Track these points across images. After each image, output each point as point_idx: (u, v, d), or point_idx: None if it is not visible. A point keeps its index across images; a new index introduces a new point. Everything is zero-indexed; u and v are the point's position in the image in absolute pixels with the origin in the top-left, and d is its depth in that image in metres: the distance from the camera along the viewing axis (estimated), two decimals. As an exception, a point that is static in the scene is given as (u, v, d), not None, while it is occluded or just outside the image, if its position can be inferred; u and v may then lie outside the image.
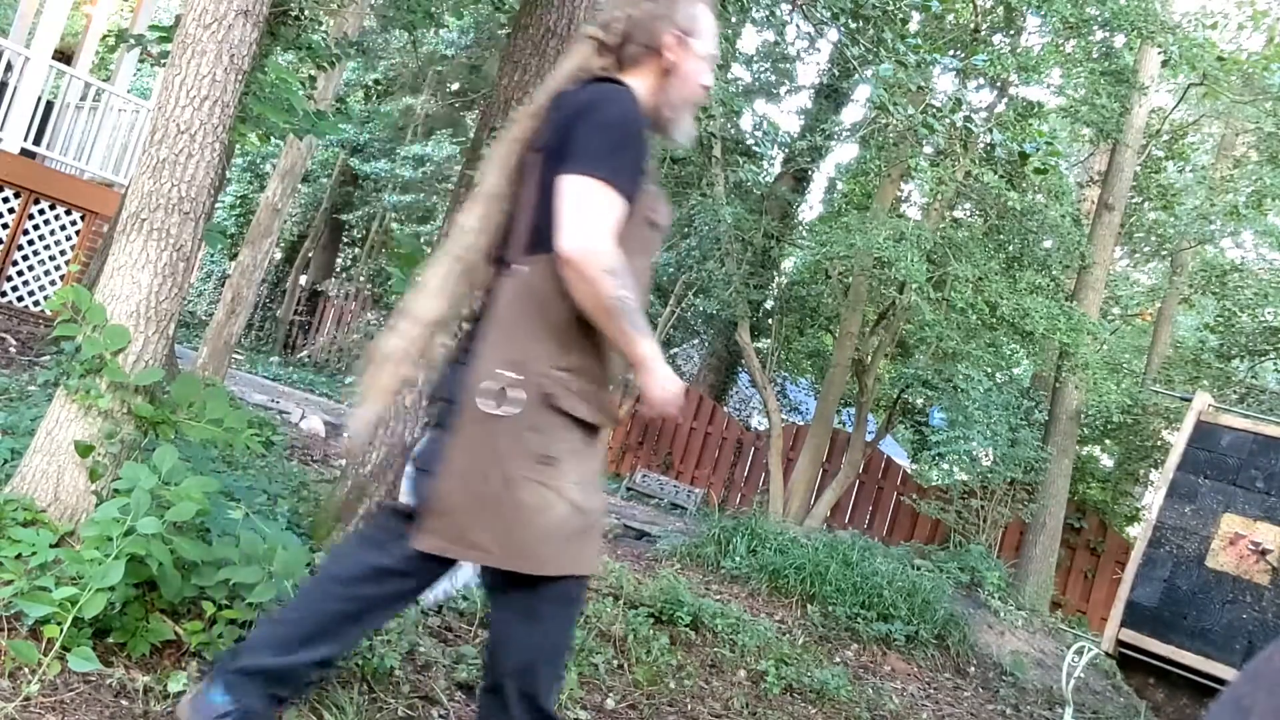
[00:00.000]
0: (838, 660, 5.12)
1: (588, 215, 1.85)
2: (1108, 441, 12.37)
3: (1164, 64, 8.71)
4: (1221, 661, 4.04)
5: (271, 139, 5.11)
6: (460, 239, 2.08)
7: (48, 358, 5.50)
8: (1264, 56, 9.48)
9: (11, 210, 7.08)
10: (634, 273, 1.98)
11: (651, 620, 4.10)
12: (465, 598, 3.45)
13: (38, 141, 7.78)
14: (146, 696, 2.14)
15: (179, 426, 2.60)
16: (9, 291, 7.15)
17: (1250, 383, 10.57)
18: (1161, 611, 4.33)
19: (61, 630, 2.05)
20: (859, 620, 5.60)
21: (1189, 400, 4.73)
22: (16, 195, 7.09)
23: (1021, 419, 8.30)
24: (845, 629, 5.55)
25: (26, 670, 2.00)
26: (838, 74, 11.91)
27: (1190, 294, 11.34)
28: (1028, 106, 9.20)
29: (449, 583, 3.49)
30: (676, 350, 15.88)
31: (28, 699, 1.92)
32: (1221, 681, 4.01)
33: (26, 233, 7.19)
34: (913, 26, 8.61)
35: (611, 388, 2.06)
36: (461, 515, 1.92)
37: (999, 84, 9.46)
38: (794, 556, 6.04)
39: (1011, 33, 9.84)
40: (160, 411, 2.56)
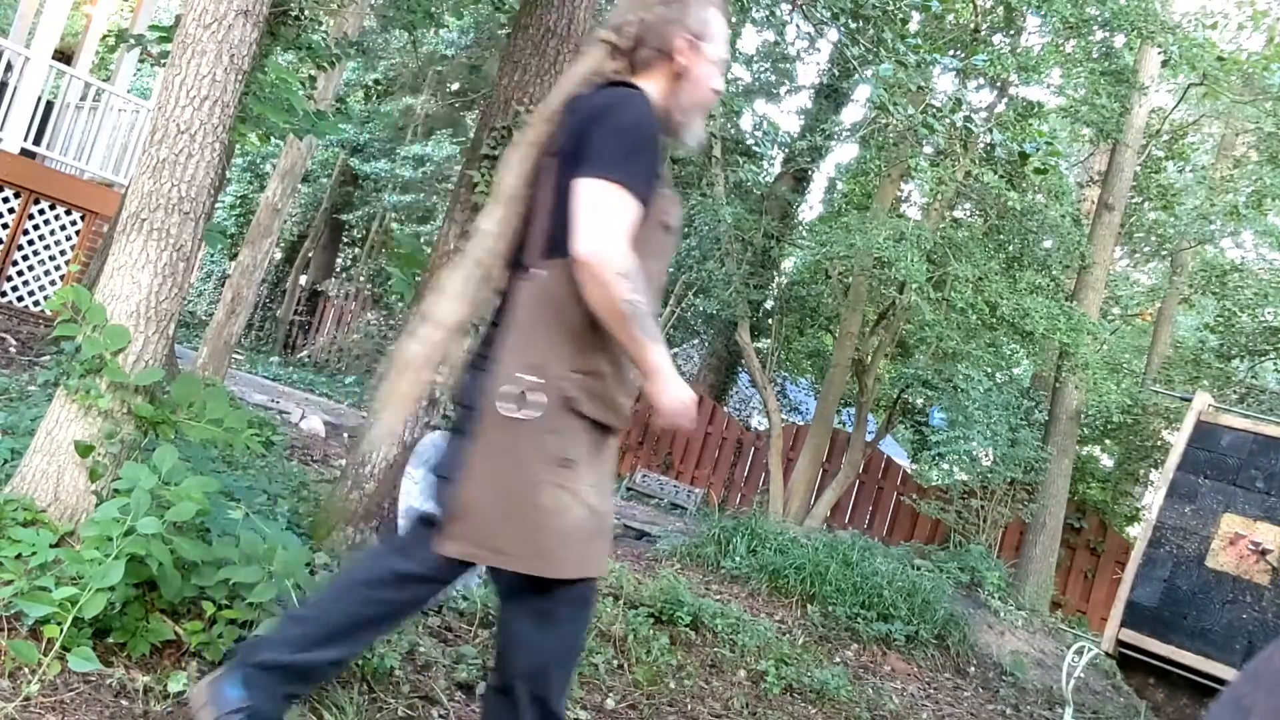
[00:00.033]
0: (838, 660, 5.11)
1: (602, 219, 1.85)
2: (1108, 441, 12.37)
3: (1164, 64, 8.71)
4: (1221, 661, 4.04)
5: (271, 139, 5.12)
6: (480, 242, 2.08)
7: (48, 358, 5.50)
8: (1264, 56, 9.48)
9: (11, 210, 7.07)
10: (648, 276, 1.97)
11: (651, 620, 4.10)
12: (465, 598, 3.45)
13: (38, 141, 7.78)
14: (146, 696, 2.15)
15: (179, 426, 2.60)
16: (9, 291, 7.15)
17: (1250, 383, 10.57)
18: (1161, 611, 4.33)
19: (61, 630, 2.05)
20: (859, 620, 5.60)
21: (1189, 400, 4.73)
22: (16, 195, 7.09)
23: (1021, 419, 8.30)
24: (845, 629, 5.55)
25: (26, 670, 2.00)
26: (838, 74, 11.90)
27: (1190, 294, 11.34)
28: (1028, 106, 9.20)
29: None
30: (676, 350, 15.87)
31: (28, 699, 1.92)
32: (1222, 682, 4.02)
33: (26, 233, 7.19)
34: (913, 26, 8.61)
35: (628, 392, 2.08)
36: (485, 520, 1.93)
37: (999, 84, 9.46)
38: (794, 556, 6.04)
39: (1011, 33, 9.84)
40: (160, 411, 2.56)
